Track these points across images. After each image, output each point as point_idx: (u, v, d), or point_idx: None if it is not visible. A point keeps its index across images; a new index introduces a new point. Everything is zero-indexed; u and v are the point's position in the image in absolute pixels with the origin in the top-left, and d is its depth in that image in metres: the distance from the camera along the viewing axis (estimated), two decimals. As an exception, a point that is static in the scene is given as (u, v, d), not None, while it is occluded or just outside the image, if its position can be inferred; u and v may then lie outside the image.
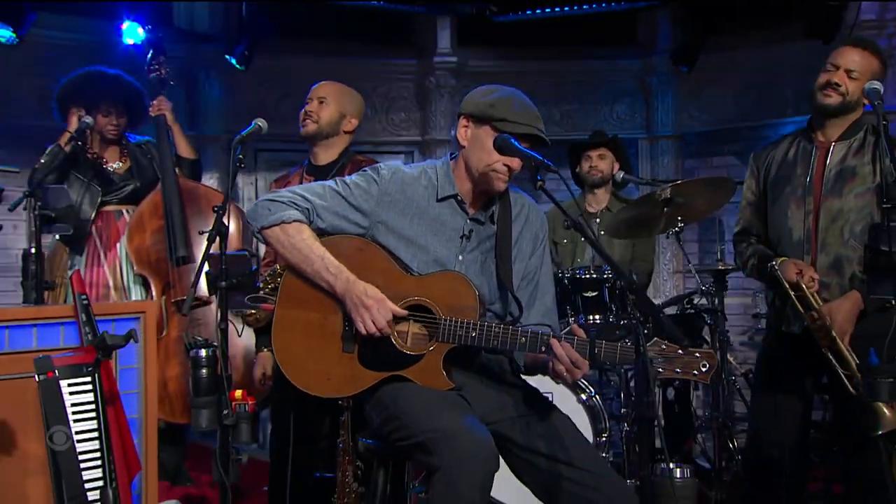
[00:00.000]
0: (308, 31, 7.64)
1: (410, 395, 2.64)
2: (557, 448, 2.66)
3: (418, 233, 2.80)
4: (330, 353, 2.71)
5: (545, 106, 8.35)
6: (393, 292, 2.68)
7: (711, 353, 2.60)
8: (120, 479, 3.41)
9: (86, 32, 6.87)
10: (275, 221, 2.75)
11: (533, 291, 2.93)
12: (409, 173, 2.89)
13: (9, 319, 3.63)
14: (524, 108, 2.80)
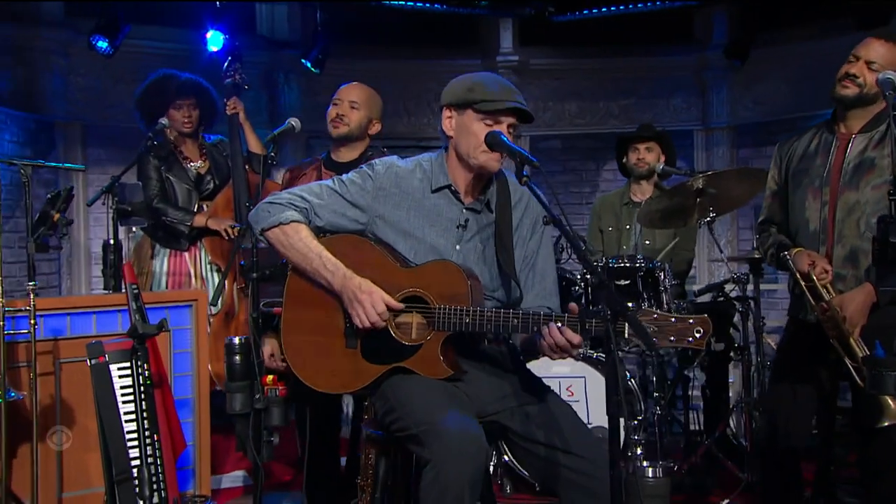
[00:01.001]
0: (377, 35, 7.57)
1: (410, 387, 2.54)
2: (555, 436, 2.52)
3: (415, 225, 2.68)
4: (335, 350, 2.62)
5: (604, 100, 8.15)
6: (388, 285, 2.58)
7: (705, 319, 2.40)
8: (165, 456, 3.42)
9: (174, 41, 6.94)
10: (273, 223, 2.67)
11: (531, 274, 2.78)
12: (404, 167, 2.79)
13: (71, 307, 3.68)
14: (501, 86, 2.67)
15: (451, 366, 2.55)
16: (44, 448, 3.56)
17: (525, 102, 2.67)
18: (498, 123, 2.63)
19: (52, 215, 4.03)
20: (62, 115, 6.66)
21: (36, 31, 6.49)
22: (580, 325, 2.40)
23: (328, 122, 3.89)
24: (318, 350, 2.64)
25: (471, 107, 2.64)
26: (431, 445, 2.35)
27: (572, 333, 2.43)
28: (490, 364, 2.68)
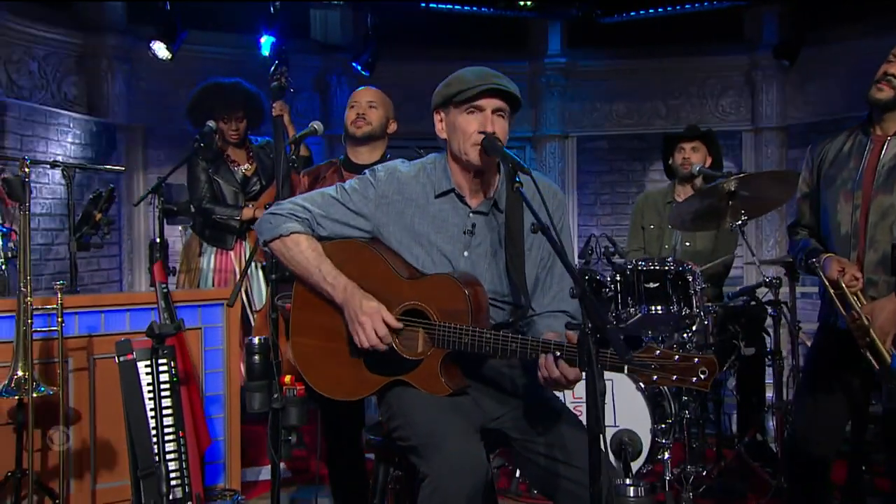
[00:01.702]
0: (426, 38, 7.46)
1: (412, 398, 2.39)
2: (556, 446, 2.36)
3: (421, 232, 2.51)
4: (340, 357, 2.48)
5: (651, 101, 7.91)
6: (390, 296, 2.42)
7: (711, 360, 2.19)
8: (190, 451, 3.36)
9: (230, 46, 6.95)
10: (274, 235, 2.53)
11: (548, 277, 2.55)
12: (406, 172, 2.59)
13: (104, 305, 3.65)
14: (477, 73, 2.49)
15: (451, 383, 2.37)
16: (78, 440, 3.56)
17: (508, 85, 2.46)
18: (480, 111, 2.43)
19: (94, 215, 4.03)
20: (124, 118, 6.73)
21: (100, 39, 6.57)
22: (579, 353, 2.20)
23: (348, 125, 3.78)
24: (323, 355, 2.51)
25: (451, 102, 2.48)
26: (430, 460, 2.21)
27: (568, 368, 2.24)
28: (496, 371, 2.51)
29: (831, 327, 3.11)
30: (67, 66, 6.40)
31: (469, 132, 2.43)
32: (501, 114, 2.46)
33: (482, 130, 2.41)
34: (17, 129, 5.64)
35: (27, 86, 6.04)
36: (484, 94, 2.42)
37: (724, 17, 7.65)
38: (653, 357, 2.19)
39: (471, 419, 2.38)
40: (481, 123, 2.42)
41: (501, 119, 2.46)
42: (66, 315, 3.52)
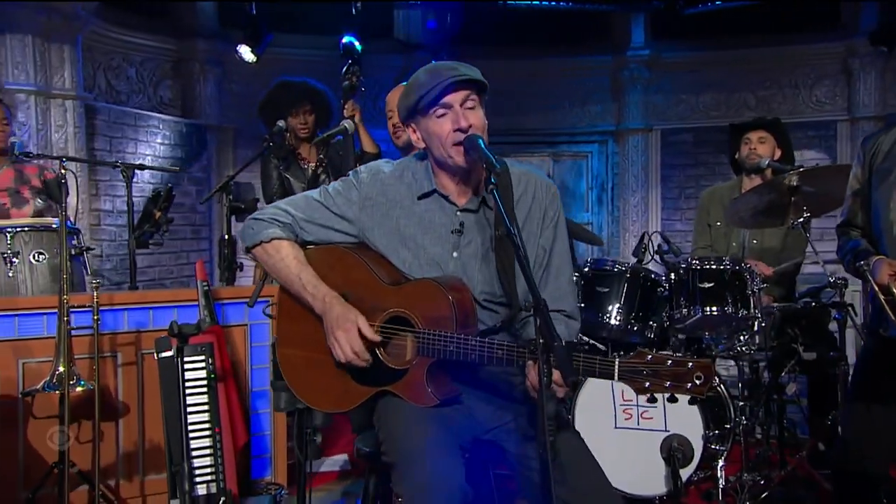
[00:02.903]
0: (506, 34, 7.21)
1: (396, 412, 2.20)
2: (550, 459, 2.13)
3: (407, 235, 2.31)
4: (325, 367, 2.30)
5: (740, 91, 7.42)
6: (372, 304, 2.23)
7: (706, 364, 1.94)
8: (226, 447, 3.27)
9: (314, 48, 6.90)
10: (255, 241, 2.36)
11: (545, 274, 2.32)
12: (390, 173, 2.38)
13: (153, 301, 3.61)
14: (431, 73, 2.22)
15: (438, 393, 2.16)
16: (127, 432, 3.54)
17: (466, 71, 2.21)
18: (449, 108, 2.19)
19: (154, 213, 4.02)
20: (215, 119, 6.79)
21: (193, 44, 6.64)
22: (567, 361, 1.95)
23: (390, 134, 3.60)
24: (309, 366, 2.34)
25: (417, 111, 2.24)
26: (402, 480, 2.03)
27: (557, 375, 1.98)
28: (494, 378, 2.28)
29: (881, 336, 2.74)
30: (163, 70, 6.50)
31: (445, 135, 2.20)
32: (471, 104, 2.22)
33: (457, 128, 2.18)
34: (107, 131, 5.75)
35: (125, 90, 6.17)
36: (444, 91, 2.18)
37: (818, 3, 7.08)
38: (644, 362, 1.94)
39: (457, 433, 2.16)
40: (454, 121, 2.19)
41: (472, 110, 2.22)
42: (116, 311, 3.54)
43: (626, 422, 3.71)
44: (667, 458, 3.59)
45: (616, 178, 7.55)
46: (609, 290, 3.88)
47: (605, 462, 3.68)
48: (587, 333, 4.09)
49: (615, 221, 7.53)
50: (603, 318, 3.88)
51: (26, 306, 3.39)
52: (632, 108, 7.50)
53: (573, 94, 7.51)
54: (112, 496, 3.48)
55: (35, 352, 3.36)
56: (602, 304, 3.88)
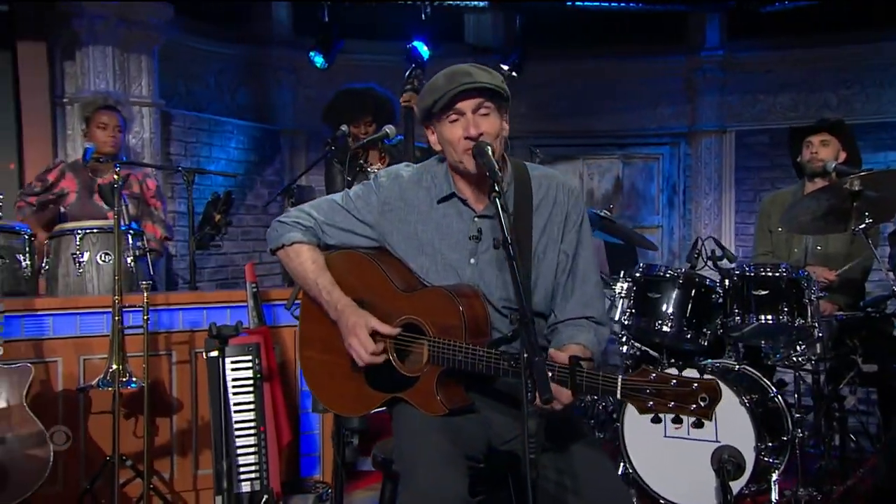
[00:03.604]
0: (577, 36, 7.07)
1: (407, 418, 2.17)
2: (567, 474, 2.05)
3: (425, 240, 2.26)
4: (342, 371, 2.28)
5: (820, 91, 7.10)
6: (386, 310, 2.20)
7: (711, 384, 1.83)
8: (270, 446, 3.31)
9: (383, 53, 6.93)
10: (277, 245, 2.37)
11: (570, 280, 2.23)
12: (409, 177, 2.34)
13: (207, 302, 3.68)
14: (447, 77, 2.17)
15: (448, 402, 2.10)
16: (180, 428, 3.62)
17: (481, 78, 2.14)
18: (461, 115, 2.14)
19: (214, 216, 4.10)
20: (289, 123, 6.90)
21: (268, 51, 6.76)
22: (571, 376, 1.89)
23: None
24: (327, 369, 2.33)
25: (432, 115, 2.20)
26: (404, 490, 1.99)
27: (559, 388, 1.93)
28: (508, 390, 2.19)
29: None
30: (239, 77, 6.64)
31: (456, 140, 2.15)
32: (485, 111, 2.16)
33: (467, 135, 2.13)
34: (182, 136, 5.91)
35: (204, 97, 6.32)
36: (457, 97, 2.12)
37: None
38: (647, 381, 1.85)
39: (467, 443, 2.10)
40: (465, 128, 2.14)
41: (486, 117, 2.16)
42: (171, 311, 3.63)
43: (675, 431, 3.57)
44: (717, 470, 3.44)
45: (688, 181, 7.32)
46: (660, 296, 3.75)
47: (654, 472, 3.61)
48: (639, 340, 3.97)
49: (687, 225, 7.30)
50: (654, 325, 3.75)
51: (87, 305, 3.51)
52: (705, 109, 7.25)
53: (644, 96, 7.31)
54: (166, 489, 3.57)
55: (95, 349, 3.47)
56: (653, 310, 3.76)
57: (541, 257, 2.22)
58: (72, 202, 4.26)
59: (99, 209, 4.21)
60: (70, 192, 4.27)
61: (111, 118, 4.33)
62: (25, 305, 3.45)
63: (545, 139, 7.36)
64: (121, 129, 4.37)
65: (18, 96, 5.33)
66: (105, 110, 4.35)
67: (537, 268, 2.21)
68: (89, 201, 4.25)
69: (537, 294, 2.21)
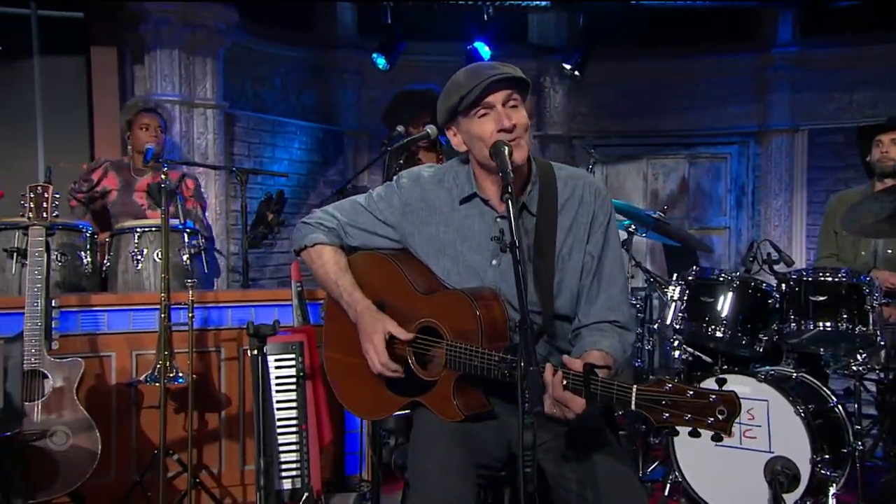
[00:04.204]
0: (641, 35, 6.89)
1: (423, 423, 2.11)
2: (588, 486, 1.95)
3: (446, 241, 2.19)
4: (363, 374, 2.22)
5: (897, 89, 6.73)
6: (405, 312, 2.15)
7: (730, 397, 1.71)
8: (311, 445, 3.30)
9: (445, 54, 6.87)
10: (301, 246, 2.33)
11: (595, 283, 2.14)
12: (431, 178, 2.28)
13: (254, 300, 3.70)
14: (470, 73, 2.10)
15: (465, 408, 2.03)
16: (228, 423, 3.65)
17: (507, 70, 2.07)
18: (490, 108, 2.06)
19: (267, 216, 4.12)
20: (353, 124, 6.93)
21: (333, 53, 6.80)
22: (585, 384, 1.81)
23: None
24: (349, 371, 2.28)
25: (457, 113, 2.12)
26: (412, 496, 1.95)
27: (572, 396, 1.84)
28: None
29: None
30: (305, 79, 6.70)
31: (488, 135, 2.07)
32: (514, 103, 2.08)
33: (501, 128, 2.05)
34: (245, 137, 5.99)
35: (270, 98, 6.41)
36: (487, 90, 2.05)
37: None
38: (663, 392, 1.74)
39: (484, 450, 2.02)
40: (497, 122, 2.06)
41: (516, 109, 2.08)
42: (220, 309, 3.65)
43: (727, 439, 3.42)
44: (770, 482, 3.28)
45: (757, 181, 7.05)
46: (713, 300, 3.59)
47: (704, 480, 3.47)
48: (692, 345, 3.82)
49: (755, 226, 7.03)
50: (707, 330, 3.59)
51: (139, 302, 3.56)
52: (777, 107, 6.97)
53: (712, 94, 7.08)
54: (214, 483, 3.60)
55: (146, 344, 3.52)
56: (706, 315, 3.60)
57: (565, 259, 2.13)
58: (113, 200, 4.35)
59: (138, 207, 4.29)
60: (112, 189, 4.36)
61: (152, 119, 4.41)
62: (81, 301, 3.53)
63: (608, 139, 7.22)
64: (162, 129, 4.44)
65: (91, 99, 5.49)
66: (146, 112, 4.43)
67: (562, 269, 2.12)
68: (129, 199, 4.33)
69: (562, 297, 2.12)
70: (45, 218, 3.17)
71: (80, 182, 4.48)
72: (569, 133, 7.07)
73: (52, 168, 3.65)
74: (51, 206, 3.21)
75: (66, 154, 5.53)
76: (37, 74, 5.55)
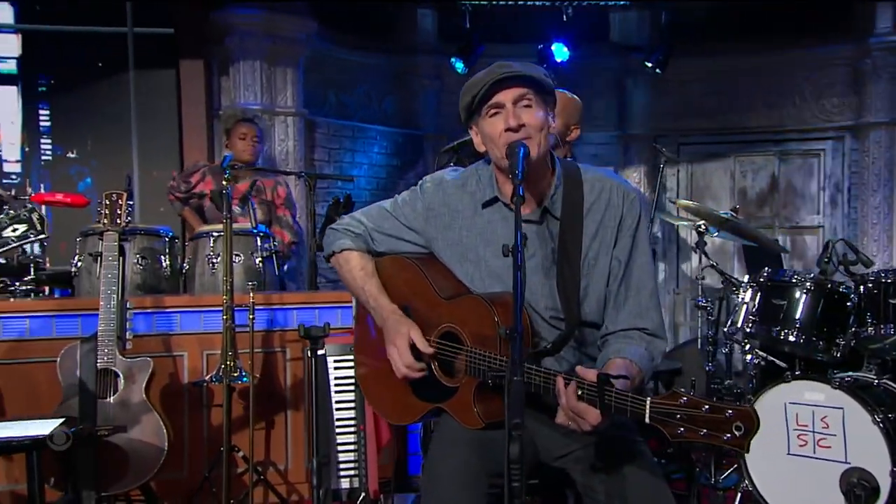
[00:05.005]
0: (727, 29, 6.60)
1: (443, 430, 2.06)
2: (616, 497, 1.85)
3: (469, 246, 2.13)
4: (391, 379, 2.17)
5: None
6: (428, 318, 2.09)
7: (747, 413, 1.57)
8: (369, 446, 3.29)
9: (524, 56, 6.78)
10: (329, 252, 2.31)
11: (622, 289, 2.05)
12: (453, 182, 2.21)
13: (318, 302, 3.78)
14: (486, 71, 2.02)
15: (486, 415, 1.96)
16: (294, 422, 3.70)
17: (520, 68, 1.98)
18: (501, 107, 1.98)
19: (334, 219, 4.14)
20: (432, 128, 6.92)
21: (414, 59, 6.82)
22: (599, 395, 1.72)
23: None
24: (378, 376, 2.25)
25: (475, 111, 2.04)
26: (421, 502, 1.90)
27: (586, 407, 1.75)
28: (556, 404, 1.95)
29: None
30: (387, 86, 6.75)
31: (497, 135, 2.00)
32: (527, 102, 1.99)
33: (507, 127, 1.97)
34: (325, 143, 6.08)
35: (353, 105, 6.48)
36: (494, 88, 1.97)
37: None
38: (678, 406, 1.63)
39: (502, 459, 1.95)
40: (504, 120, 1.98)
41: (528, 108, 1.99)
42: (286, 310, 3.71)
43: (800, 448, 3.24)
44: (846, 493, 3.08)
45: (853, 178, 6.64)
46: (786, 303, 3.40)
47: (776, 491, 3.28)
48: (766, 350, 3.63)
49: (852, 224, 6.62)
50: (779, 334, 3.41)
51: (210, 303, 3.65)
52: (876, 100, 6.52)
53: (804, 88, 6.71)
54: (280, 480, 3.65)
55: (217, 344, 3.58)
56: (778, 318, 3.42)
57: (591, 264, 2.04)
58: (208, 205, 4.49)
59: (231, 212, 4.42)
60: (207, 194, 4.50)
61: (249, 129, 4.55)
62: (155, 303, 3.65)
63: (693, 137, 6.96)
64: (258, 139, 4.57)
65: (181, 110, 5.70)
66: (244, 122, 4.57)
67: (588, 275, 2.03)
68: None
69: (588, 303, 2.03)
70: (119, 224, 3.28)
71: (179, 181, 4.66)
72: (652, 132, 6.85)
73: (130, 177, 3.78)
74: (125, 212, 3.32)
75: (158, 163, 5.77)
76: (132, 88, 5.82)
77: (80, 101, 5.88)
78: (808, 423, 3.22)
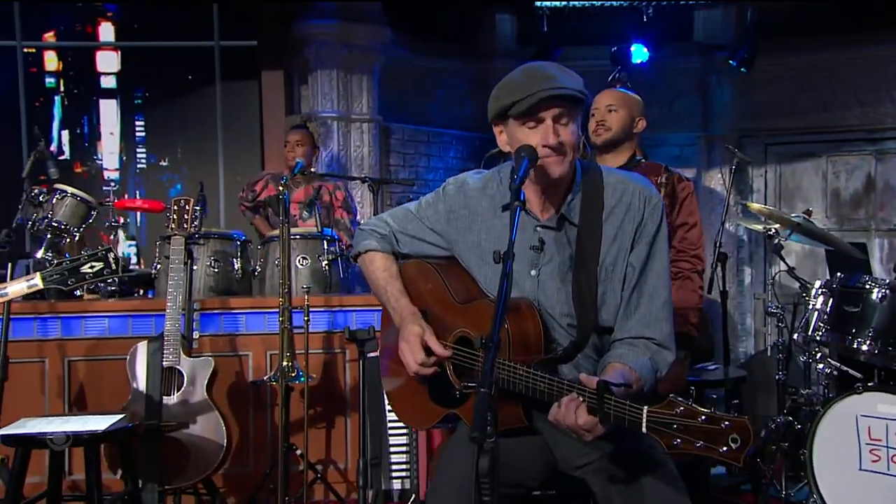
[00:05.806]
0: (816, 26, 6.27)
1: (456, 436, 2.01)
2: (634, 505, 1.77)
3: (487, 249, 2.04)
4: (410, 383, 2.12)
5: None
6: (443, 322, 2.05)
7: (744, 424, 1.47)
8: (421, 448, 3.28)
9: (600, 58, 6.64)
10: (355, 253, 2.29)
11: (636, 295, 1.97)
12: (475, 185, 2.14)
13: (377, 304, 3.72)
14: (528, 75, 1.92)
15: (499, 422, 1.76)
16: (353, 422, 3.72)
17: (566, 83, 1.88)
18: (540, 122, 1.90)
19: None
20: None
21: (493, 63, 6.77)
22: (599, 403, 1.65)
23: (590, 133, 3.28)
24: (397, 379, 2.21)
25: (506, 116, 1.97)
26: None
27: (583, 413, 1.69)
28: None
29: None
30: (466, 90, 6.74)
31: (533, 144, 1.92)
32: (566, 121, 1.91)
33: (546, 144, 1.90)
34: (400, 148, 6.12)
35: (432, 110, 6.51)
36: (539, 104, 1.89)
37: None
38: (674, 415, 1.54)
39: (516, 468, 1.89)
40: (544, 137, 1.90)
41: (566, 126, 1.91)
42: (345, 313, 3.75)
43: (873, 464, 3.04)
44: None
45: (958, 177, 6.20)
46: (858, 310, 3.20)
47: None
48: (839, 358, 3.42)
49: (954, 227, 6.18)
50: (852, 342, 3.20)
51: (273, 305, 3.71)
52: (979, 94, 6.09)
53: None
54: (340, 478, 3.69)
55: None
56: (850, 326, 3.22)
57: (609, 269, 1.96)
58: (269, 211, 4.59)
59: (291, 217, 4.50)
60: None
61: (297, 136, 4.63)
62: (222, 304, 3.75)
63: (782, 137, 6.64)
64: (307, 144, 4.64)
65: (262, 118, 5.87)
66: (294, 130, 4.69)
67: (605, 281, 1.94)
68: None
69: (606, 309, 1.95)
70: (186, 229, 3.39)
71: (246, 191, 4.80)
72: (738, 133, 6.58)
73: (203, 184, 3.91)
74: (192, 217, 3.42)
75: (242, 169, 5.95)
76: (218, 99, 6.03)
77: (172, 112, 6.15)
78: (881, 437, 3.01)
